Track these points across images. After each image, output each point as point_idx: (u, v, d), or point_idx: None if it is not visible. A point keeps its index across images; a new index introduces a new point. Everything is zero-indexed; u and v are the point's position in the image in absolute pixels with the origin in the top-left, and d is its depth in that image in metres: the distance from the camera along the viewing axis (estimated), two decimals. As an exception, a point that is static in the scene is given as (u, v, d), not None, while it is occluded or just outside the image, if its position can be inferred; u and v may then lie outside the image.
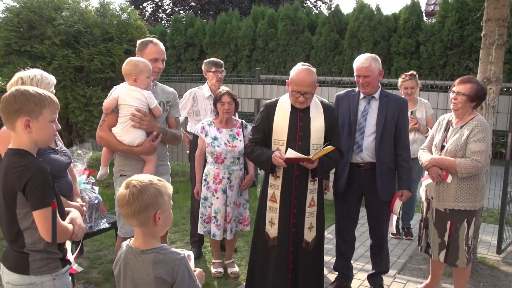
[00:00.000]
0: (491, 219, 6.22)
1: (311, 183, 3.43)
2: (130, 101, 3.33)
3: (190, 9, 20.94)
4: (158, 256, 1.93)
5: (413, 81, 5.11)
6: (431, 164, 3.60)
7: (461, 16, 11.25)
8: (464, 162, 3.44)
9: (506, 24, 4.16)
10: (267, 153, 3.33)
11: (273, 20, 13.63)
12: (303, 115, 3.40)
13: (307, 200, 3.42)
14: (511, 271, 4.62)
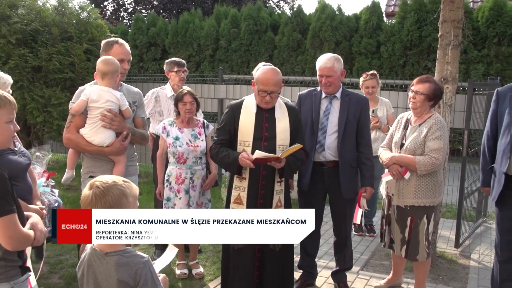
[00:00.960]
0: (449, 214, 6.40)
1: (277, 184, 3.40)
2: (102, 102, 3.28)
3: (152, 8, 20.69)
4: (122, 259, 1.90)
5: (374, 80, 5.21)
6: (391, 162, 3.67)
7: (420, 17, 11.54)
8: (423, 159, 3.53)
9: (461, 26, 4.30)
10: (233, 155, 3.30)
11: (236, 20, 13.62)
12: (268, 116, 3.39)
13: (273, 201, 3.39)
14: (468, 264, 4.77)
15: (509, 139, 3.31)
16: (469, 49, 11.15)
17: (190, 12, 14.85)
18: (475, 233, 5.69)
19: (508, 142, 3.32)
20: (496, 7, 10.94)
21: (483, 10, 11.29)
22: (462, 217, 5.28)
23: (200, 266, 4.38)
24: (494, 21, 10.94)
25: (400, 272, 4.16)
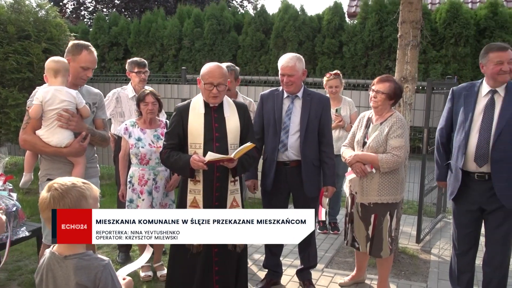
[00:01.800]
0: (411, 211, 6.54)
1: (231, 183, 3.38)
2: (57, 103, 3.20)
3: (113, 8, 20.35)
4: (81, 262, 1.86)
5: (337, 80, 5.27)
6: (355, 160, 3.72)
7: (380, 18, 11.76)
8: (385, 157, 3.60)
9: (419, 27, 4.40)
10: (184, 158, 3.25)
11: (199, 20, 13.55)
12: (217, 115, 3.36)
13: (228, 201, 3.37)
14: (429, 258, 4.89)
15: (463, 136, 3.43)
16: (428, 49, 11.44)
17: (152, 11, 14.67)
18: (435, 229, 5.84)
19: (463, 139, 3.43)
20: (452, 9, 11.27)
21: (440, 11, 11.60)
22: (423, 213, 5.42)
23: (164, 268, 4.33)
24: (451, 22, 11.26)
25: (363, 269, 4.23)
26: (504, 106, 3.33)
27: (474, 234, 3.61)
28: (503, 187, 3.32)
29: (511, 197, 3.33)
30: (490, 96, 3.40)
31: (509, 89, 3.36)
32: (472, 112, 3.42)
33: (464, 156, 3.42)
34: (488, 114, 3.36)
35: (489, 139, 3.32)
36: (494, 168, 3.32)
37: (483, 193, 3.41)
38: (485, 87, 3.44)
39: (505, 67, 3.29)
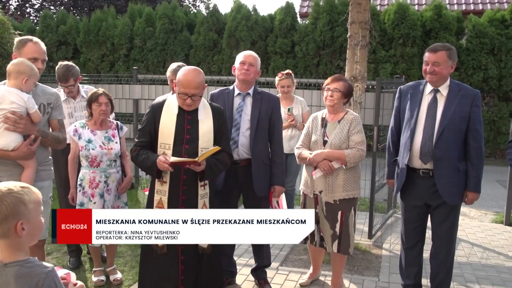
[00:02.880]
0: (363, 207, 6.69)
1: (201, 188, 3.33)
2: (5, 104, 3.08)
3: (61, 5, 19.77)
4: (22, 269, 1.78)
5: (289, 79, 5.32)
6: (321, 157, 3.73)
7: (331, 18, 11.97)
8: (351, 152, 3.69)
9: (368, 27, 4.51)
10: (152, 158, 3.20)
11: (151, 19, 13.38)
12: (191, 117, 3.31)
13: (198, 205, 3.32)
14: (380, 253, 5.02)
15: (409, 134, 3.54)
16: (378, 49, 11.75)
17: (102, 10, 14.36)
18: (387, 224, 5.99)
19: (408, 136, 3.55)
20: (400, 11, 11.62)
21: (389, 13, 11.94)
22: (374, 209, 5.54)
23: (118, 272, 4.25)
24: (399, 23, 11.60)
25: (319, 266, 4.29)
26: (446, 105, 3.46)
27: (420, 229, 3.73)
28: (444, 183, 3.45)
29: (452, 193, 3.47)
30: (432, 95, 3.53)
31: (451, 88, 3.49)
32: (417, 111, 3.54)
33: (410, 153, 3.54)
34: (431, 113, 3.49)
35: (433, 137, 3.44)
36: (436, 165, 3.45)
37: (427, 189, 3.53)
38: (428, 86, 3.57)
39: (429, 68, 3.44)
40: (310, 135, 3.94)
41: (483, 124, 3.56)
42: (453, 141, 3.43)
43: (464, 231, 5.87)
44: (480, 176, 3.51)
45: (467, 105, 3.43)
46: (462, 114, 3.42)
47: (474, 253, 5.14)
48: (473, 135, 3.45)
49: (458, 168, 3.46)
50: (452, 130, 3.41)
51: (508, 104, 11.18)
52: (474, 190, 3.52)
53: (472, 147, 3.46)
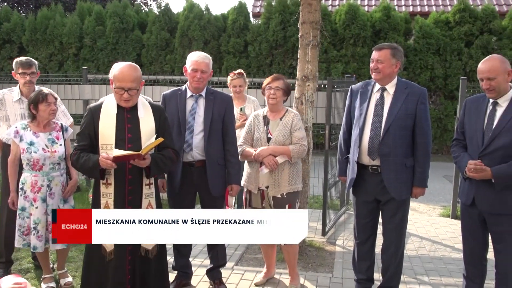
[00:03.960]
0: (316, 205, 6.79)
1: (146, 187, 3.29)
2: None
3: (4, 2, 19.02)
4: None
5: (241, 79, 5.34)
6: (267, 152, 3.79)
7: (284, 18, 12.09)
8: (295, 148, 3.81)
9: (319, 27, 4.57)
10: (93, 158, 3.12)
11: (101, 17, 13.09)
12: (131, 116, 3.25)
13: (143, 205, 3.28)
14: (334, 250, 5.11)
15: (358, 131, 3.64)
16: (329, 49, 11.95)
17: (50, 7, 13.92)
18: (340, 221, 6.11)
19: (357, 134, 3.64)
20: (350, 11, 11.86)
21: (340, 13, 12.16)
22: (327, 207, 5.64)
23: (69, 276, 4.14)
24: (349, 24, 11.84)
25: (274, 264, 4.33)
26: (392, 103, 3.56)
27: (371, 224, 3.82)
28: (391, 179, 3.55)
29: (398, 188, 3.57)
30: (380, 93, 3.63)
31: (398, 86, 3.60)
32: (366, 109, 3.64)
33: (359, 150, 3.63)
34: (379, 111, 3.59)
35: (380, 134, 3.54)
36: (383, 161, 3.55)
37: (376, 185, 3.62)
38: (377, 85, 3.67)
39: (373, 65, 3.56)
40: (252, 133, 3.99)
41: (430, 121, 3.67)
42: (400, 137, 3.53)
43: (414, 226, 6.06)
44: (426, 172, 3.62)
45: (413, 102, 3.54)
46: (408, 112, 3.53)
47: (423, 246, 5.31)
48: (420, 132, 3.56)
49: (405, 164, 3.57)
50: (398, 127, 3.51)
51: (453, 102, 11.61)
52: (420, 185, 3.63)
53: (418, 143, 3.57)
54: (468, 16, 11.75)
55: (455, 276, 4.42)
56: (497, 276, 3.37)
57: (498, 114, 3.24)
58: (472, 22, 11.74)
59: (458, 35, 11.75)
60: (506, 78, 3.20)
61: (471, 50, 11.66)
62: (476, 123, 3.33)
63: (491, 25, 11.71)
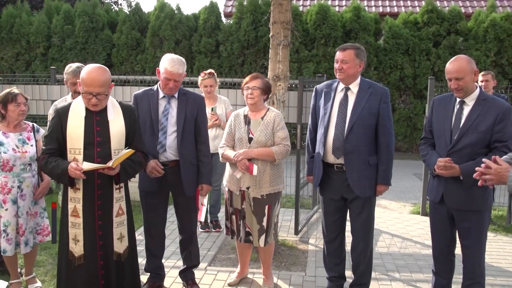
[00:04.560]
0: (289, 204, 6.82)
1: (116, 191, 3.25)
2: None
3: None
4: None
5: (212, 79, 5.32)
6: (250, 156, 3.78)
7: (255, 18, 12.11)
8: (279, 148, 3.82)
9: (290, 27, 4.60)
10: (62, 165, 3.04)
11: (70, 16, 12.87)
12: (100, 118, 3.18)
13: (113, 209, 3.24)
14: (307, 248, 5.14)
15: (323, 130, 3.68)
16: (301, 49, 12.02)
17: (15, 5, 13.59)
18: (312, 220, 6.14)
19: (322, 133, 3.68)
20: (321, 11, 11.96)
21: (311, 13, 12.25)
22: (300, 206, 5.67)
23: (37, 281, 4.05)
24: (320, 24, 11.94)
25: (247, 264, 4.33)
26: (356, 102, 3.61)
27: (339, 222, 3.86)
28: (355, 177, 3.60)
29: (362, 186, 3.62)
30: (344, 93, 3.68)
31: (361, 86, 3.66)
32: (330, 108, 3.68)
33: (324, 149, 3.67)
34: (342, 110, 3.64)
35: (343, 132, 3.59)
36: (347, 159, 3.60)
37: (342, 183, 3.67)
38: (341, 84, 3.72)
39: (338, 65, 3.59)
40: (233, 133, 3.97)
41: (392, 120, 3.74)
42: (363, 136, 3.58)
43: (385, 223, 6.15)
44: (389, 170, 3.68)
45: (376, 102, 3.60)
46: (371, 111, 3.58)
47: (394, 243, 5.40)
48: (382, 131, 3.62)
49: (368, 162, 3.62)
50: (361, 125, 3.56)
51: (422, 101, 11.82)
52: (383, 183, 3.68)
53: (381, 142, 3.63)
54: (435, 17, 12.00)
55: (425, 272, 4.50)
56: (464, 271, 3.45)
57: (465, 112, 3.31)
58: (439, 23, 11.99)
59: (426, 36, 11.98)
60: (473, 78, 3.27)
61: (439, 50, 11.90)
62: (444, 121, 3.39)
63: (457, 26, 11.99)
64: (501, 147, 3.16)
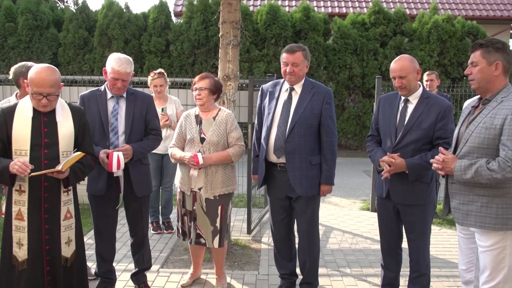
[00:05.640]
0: (242, 204, 6.83)
1: (64, 193, 3.16)
2: None
3: None
4: None
5: (161, 79, 5.26)
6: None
7: (205, 18, 12.06)
8: (235, 150, 3.82)
9: (239, 27, 4.61)
10: (3, 162, 2.93)
11: (12, 13, 12.39)
12: (48, 120, 3.09)
13: (61, 212, 3.14)
14: (259, 247, 5.16)
15: (266, 130, 3.72)
16: (252, 48, 12.08)
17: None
18: (265, 219, 6.17)
19: (266, 132, 3.73)
20: (271, 11, 12.06)
21: (261, 13, 12.33)
22: (252, 205, 5.69)
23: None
24: (271, 24, 12.03)
25: (201, 265, 4.30)
26: (299, 102, 3.67)
27: (286, 220, 3.90)
28: (295, 176, 3.65)
29: (303, 185, 3.67)
30: (288, 93, 3.73)
31: (305, 86, 3.71)
32: (274, 108, 3.73)
33: (267, 148, 3.72)
34: (286, 110, 3.69)
35: (285, 132, 3.64)
36: (288, 159, 3.65)
37: (285, 182, 3.71)
38: (285, 84, 3.77)
39: (289, 68, 3.62)
40: (183, 134, 3.94)
41: (335, 120, 3.80)
42: (305, 136, 3.63)
43: (336, 220, 6.27)
44: (332, 170, 3.75)
45: (319, 102, 3.66)
46: (314, 111, 3.64)
47: (345, 239, 5.51)
48: (325, 131, 3.69)
49: (310, 162, 3.67)
50: (303, 125, 3.62)
51: (371, 100, 12.13)
52: (327, 183, 3.75)
53: (324, 142, 3.70)
54: (382, 18, 12.34)
55: (375, 267, 4.62)
56: (411, 263, 3.58)
57: (409, 110, 3.43)
58: (386, 24, 12.35)
59: (374, 36, 12.30)
60: (416, 76, 3.39)
61: (385, 51, 12.25)
62: (390, 119, 3.50)
63: (403, 27, 12.38)
64: (442, 144, 3.29)
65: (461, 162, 2.76)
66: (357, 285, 4.27)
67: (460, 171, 2.75)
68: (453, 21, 12.36)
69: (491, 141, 2.70)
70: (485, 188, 2.74)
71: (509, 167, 2.58)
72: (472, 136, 2.77)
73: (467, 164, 2.73)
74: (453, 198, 2.93)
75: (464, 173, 2.73)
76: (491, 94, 2.80)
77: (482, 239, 2.80)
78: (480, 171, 2.66)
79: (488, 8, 15.45)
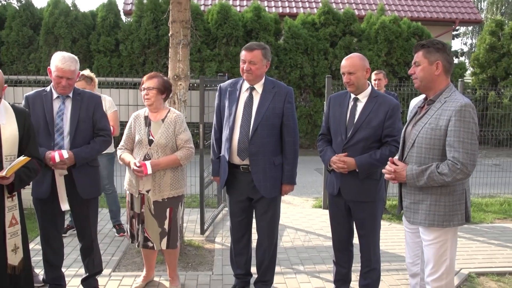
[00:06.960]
0: (195, 204, 6.78)
1: (8, 199, 3.03)
2: None
3: None
4: None
5: (82, 82, 4.98)
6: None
7: (156, 17, 11.91)
8: (183, 153, 3.76)
9: (189, 26, 4.58)
10: None
11: (-51, 11, 11.82)
12: None
13: (6, 219, 3.01)
14: (213, 247, 5.15)
15: (228, 131, 3.69)
16: (203, 48, 12.02)
17: None
18: (218, 219, 6.17)
19: (228, 134, 3.69)
20: (222, 11, 12.05)
21: (212, 13, 12.29)
22: (205, 205, 5.66)
23: None
24: (222, 23, 12.02)
25: (153, 267, 4.24)
26: (260, 102, 3.65)
27: (245, 221, 3.92)
28: (260, 178, 3.66)
29: (267, 187, 3.69)
30: (249, 93, 3.71)
31: (266, 86, 3.70)
32: (235, 108, 3.69)
33: (230, 150, 3.69)
34: (247, 110, 3.67)
35: (249, 133, 3.62)
36: (252, 160, 3.64)
37: (248, 184, 3.71)
38: (246, 84, 3.74)
39: (246, 66, 3.61)
40: (132, 135, 3.87)
41: (297, 120, 3.83)
42: (268, 137, 3.63)
43: (289, 218, 6.33)
44: (294, 169, 3.78)
45: (281, 102, 3.66)
46: (276, 111, 3.64)
47: (298, 237, 5.58)
48: (287, 131, 3.70)
49: (274, 163, 3.69)
50: (266, 126, 3.62)
51: (321, 99, 12.33)
52: (289, 182, 3.78)
53: (286, 141, 3.71)
54: (331, 18, 12.57)
55: (328, 263, 4.70)
56: (362, 259, 3.67)
57: (358, 109, 3.51)
58: (335, 24, 12.58)
59: (324, 36, 12.51)
60: (365, 74, 3.47)
61: (335, 50, 12.48)
62: (340, 118, 3.56)
63: (352, 27, 12.66)
64: (391, 141, 3.39)
65: (412, 170, 2.83)
66: (310, 282, 4.33)
67: (412, 179, 2.82)
68: (399, 22, 12.75)
69: (437, 141, 2.79)
70: (434, 187, 2.83)
71: (458, 169, 2.68)
72: (419, 136, 2.86)
73: (418, 172, 2.80)
74: (405, 198, 3.01)
75: (417, 181, 2.81)
76: (435, 94, 2.90)
77: (425, 233, 2.90)
78: (432, 176, 2.75)
79: (432, 10, 16.06)
